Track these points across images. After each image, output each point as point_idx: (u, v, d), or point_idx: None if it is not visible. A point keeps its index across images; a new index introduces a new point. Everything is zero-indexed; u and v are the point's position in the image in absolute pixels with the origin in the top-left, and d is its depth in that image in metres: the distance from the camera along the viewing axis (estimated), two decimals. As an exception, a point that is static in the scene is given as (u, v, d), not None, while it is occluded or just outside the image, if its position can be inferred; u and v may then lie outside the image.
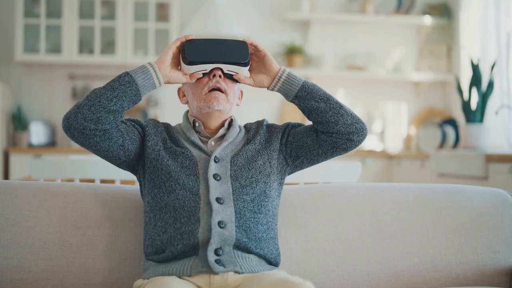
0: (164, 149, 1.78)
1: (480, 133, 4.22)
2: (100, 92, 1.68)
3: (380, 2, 5.87)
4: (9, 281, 1.80)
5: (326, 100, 1.77)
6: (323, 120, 1.76)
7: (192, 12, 5.71)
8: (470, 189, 2.13)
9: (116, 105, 1.68)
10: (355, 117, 1.78)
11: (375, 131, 5.76)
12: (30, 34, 5.40)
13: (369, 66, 5.74)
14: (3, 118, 5.20)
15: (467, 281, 1.97)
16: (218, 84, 1.78)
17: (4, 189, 1.91)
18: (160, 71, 1.73)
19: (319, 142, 1.80)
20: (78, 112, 1.67)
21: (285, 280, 1.50)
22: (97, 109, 1.66)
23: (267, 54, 1.80)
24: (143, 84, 1.71)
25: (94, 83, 5.65)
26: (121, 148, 1.74)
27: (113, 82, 1.70)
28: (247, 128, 1.90)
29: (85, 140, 1.69)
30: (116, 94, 1.68)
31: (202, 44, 1.76)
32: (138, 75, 1.71)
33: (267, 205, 1.76)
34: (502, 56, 4.79)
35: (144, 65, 1.73)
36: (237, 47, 1.77)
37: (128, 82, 1.69)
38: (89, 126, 1.67)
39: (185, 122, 1.87)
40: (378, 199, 2.04)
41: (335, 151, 1.81)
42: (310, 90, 1.78)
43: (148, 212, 1.77)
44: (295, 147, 1.83)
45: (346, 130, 1.77)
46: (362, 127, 1.79)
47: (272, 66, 1.79)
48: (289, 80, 1.78)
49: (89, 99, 1.68)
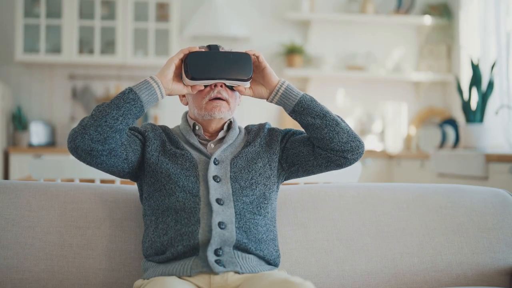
0: (164, 152, 1.78)
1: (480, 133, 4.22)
2: (105, 111, 1.66)
3: (380, 2, 5.87)
4: (9, 281, 1.80)
5: (323, 117, 1.76)
6: (318, 136, 1.76)
7: (192, 12, 5.71)
8: (470, 189, 2.13)
9: (122, 123, 1.66)
10: (352, 135, 1.77)
11: (375, 131, 5.76)
12: (30, 34, 5.40)
13: (369, 66, 5.74)
14: (3, 118, 5.20)
15: (467, 281, 1.97)
16: (220, 94, 1.78)
17: (4, 189, 1.91)
18: (163, 85, 1.71)
19: (314, 154, 1.80)
20: (84, 133, 1.65)
21: (285, 280, 1.50)
22: (103, 129, 1.64)
23: (267, 67, 1.78)
24: (147, 100, 1.69)
25: (94, 83, 5.65)
26: (125, 162, 1.74)
27: (118, 99, 1.68)
28: (248, 130, 1.90)
29: (92, 160, 1.69)
30: (122, 113, 1.66)
31: (205, 58, 1.73)
32: (142, 91, 1.69)
33: (266, 207, 1.77)
34: (502, 56, 4.79)
35: (147, 80, 1.71)
36: (240, 61, 1.74)
37: (133, 100, 1.67)
38: (96, 147, 1.66)
39: (185, 124, 1.87)
40: (378, 199, 2.04)
41: (329, 166, 1.81)
42: (306, 105, 1.77)
43: (149, 215, 1.77)
44: (291, 154, 1.83)
45: (341, 148, 1.76)
46: (357, 146, 1.77)
47: (271, 79, 1.79)
48: (287, 94, 1.78)
49: (94, 118, 1.65)
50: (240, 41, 5.73)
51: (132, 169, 1.77)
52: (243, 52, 1.77)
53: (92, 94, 5.65)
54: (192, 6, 5.73)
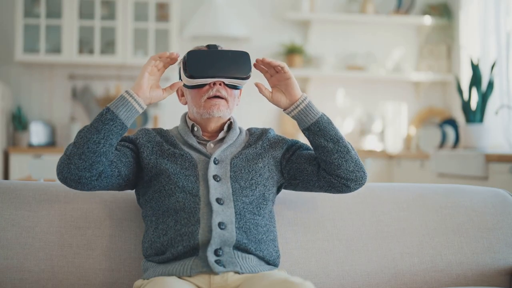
0: (161, 153, 1.78)
1: (480, 133, 4.22)
2: (86, 137, 1.65)
3: (380, 2, 5.87)
4: (9, 281, 1.80)
5: (336, 142, 1.74)
6: (327, 160, 1.75)
7: (192, 12, 5.71)
8: (470, 189, 2.13)
9: (105, 146, 1.65)
10: (358, 165, 1.76)
11: (375, 131, 5.76)
12: (30, 34, 5.40)
13: (369, 66, 5.74)
14: (3, 118, 5.20)
15: (467, 281, 1.97)
16: (218, 92, 1.77)
17: (4, 189, 1.91)
18: (140, 96, 1.68)
19: (318, 176, 1.79)
20: (70, 163, 1.65)
21: (285, 280, 1.49)
22: (87, 156, 1.64)
23: (292, 78, 1.75)
24: (126, 116, 1.67)
25: (94, 83, 5.65)
26: (119, 178, 1.74)
27: (97, 122, 1.66)
28: (251, 132, 1.89)
29: (84, 187, 1.69)
30: (102, 136, 1.65)
31: (203, 56, 1.73)
32: (119, 109, 1.66)
33: (265, 208, 1.77)
34: (502, 56, 4.79)
35: (122, 96, 1.68)
36: (239, 59, 1.74)
37: (111, 120, 1.66)
38: (84, 175, 1.65)
39: (183, 125, 1.86)
40: (378, 199, 2.04)
41: (329, 190, 1.81)
42: (323, 127, 1.74)
43: (149, 216, 1.76)
44: (295, 168, 1.82)
45: (346, 176, 1.75)
46: (362, 176, 1.77)
47: (295, 91, 1.75)
48: (306, 111, 1.75)
49: (77, 146, 1.65)
50: (240, 41, 5.73)
51: (128, 182, 1.77)
52: (242, 50, 1.77)
53: (92, 94, 5.65)
54: (192, 6, 5.73)
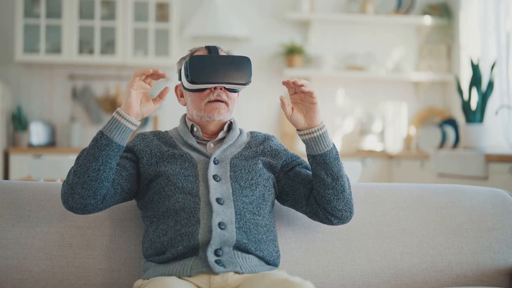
0: (161, 156, 1.78)
1: (480, 133, 4.22)
2: (85, 165, 1.65)
3: (380, 2, 5.87)
4: (9, 281, 1.80)
5: (335, 179, 1.74)
6: (319, 191, 1.75)
7: (192, 12, 5.71)
8: (470, 189, 2.13)
9: (106, 171, 1.66)
10: (348, 205, 1.77)
11: (375, 131, 5.76)
12: (30, 34, 5.40)
13: (369, 66, 5.74)
14: (3, 118, 5.20)
15: (467, 281, 1.97)
16: (219, 97, 1.78)
17: (4, 189, 1.91)
18: (131, 115, 1.66)
19: (307, 200, 1.80)
20: (73, 193, 1.66)
21: (285, 280, 1.49)
22: (89, 184, 1.65)
23: (317, 104, 1.71)
24: (121, 138, 1.66)
25: (94, 83, 5.65)
26: (123, 193, 1.75)
27: (93, 149, 1.65)
28: (253, 136, 1.89)
29: (90, 212, 1.72)
30: (101, 162, 1.65)
31: (205, 62, 1.73)
32: (112, 132, 1.65)
33: (265, 208, 1.77)
34: (502, 56, 4.79)
35: (114, 118, 1.66)
36: (240, 65, 1.74)
37: (106, 145, 1.65)
38: (89, 202, 1.67)
39: (183, 126, 1.86)
40: (378, 199, 2.04)
41: (313, 217, 1.82)
42: (328, 161, 1.73)
43: (149, 217, 1.77)
44: (289, 184, 1.82)
45: (332, 212, 1.76)
46: (347, 217, 1.78)
47: (316, 118, 1.72)
48: (319, 140, 1.72)
49: (77, 175, 1.65)
50: (240, 41, 5.73)
51: (133, 193, 1.79)
52: (243, 55, 1.77)
53: (92, 94, 5.65)
54: (192, 6, 5.73)
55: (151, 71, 1.66)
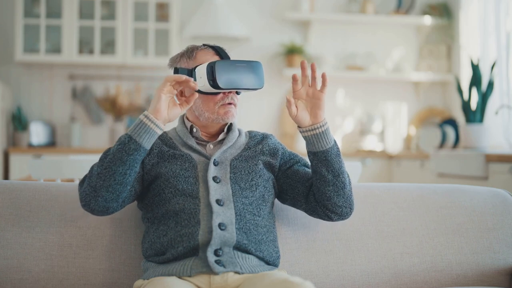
0: (161, 155, 1.78)
1: (480, 133, 4.22)
2: (111, 169, 1.63)
3: (380, 2, 5.87)
4: (9, 281, 1.80)
5: (336, 175, 1.73)
6: (319, 188, 1.75)
7: (192, 12, 5.71)
8: (470, 189, 2.13)
9: (131, 175, 1.66)
10: (348, 201, 1.77)
11: (375, 131, 5.76)
12: (30, 34, 5.40)
13: (369, 66, 5.74)
14: (3, 118, 5.20)
15: (467, 281, 1.97)
16: (232, 100, 1.79)
17: (4, 189, 1.91)
18: (159, 120, 1.66)
19: (306, 198, 1.80)
20: (97, 195, 1.66)
21: (285, 280, 1.50)
22: (115, 188, 1.65)
23: (324, 99, 1.74)
24: (148, 142, 1.66)
25: (94, 83, 5.65)
26: (135, 195, 1.76)
27: (120, 153, 1.64)
28: (252, 135, 1.89)
29: (108, 214, 1.73)
30: (128, 166, 1.64)
31: (227, 67, 1.74)
32: (141, 137, 1.64)
33: (265, 209, 1.77)
34: (502, 56, 4.79)
35: (142, 122, 1.64)
36: (255, 70, 1.77)
37: (135, 150, 1.64)
38: (111, 205, 1.68)
39: (181, 126, 1.85)
40: (378, 199, 2.04)
41: (312, 215, 1.82)
42: (330, 158, 1.72)
43: (150, 218, 1.77)
44: (287, 183, 1.82)
45: (332, 209, 1.76)
46: (347, 213, 1.78)
47: (320, 115, 1.73)
48: (320, 137, 1.73)
49: (102, 178, 1.64)
50: (240, 41, 5.73)
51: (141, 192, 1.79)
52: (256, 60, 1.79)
53: (92, 94, 5.65)
54: (192, 6, 5.73)
55: (183, 78, 1.65)
